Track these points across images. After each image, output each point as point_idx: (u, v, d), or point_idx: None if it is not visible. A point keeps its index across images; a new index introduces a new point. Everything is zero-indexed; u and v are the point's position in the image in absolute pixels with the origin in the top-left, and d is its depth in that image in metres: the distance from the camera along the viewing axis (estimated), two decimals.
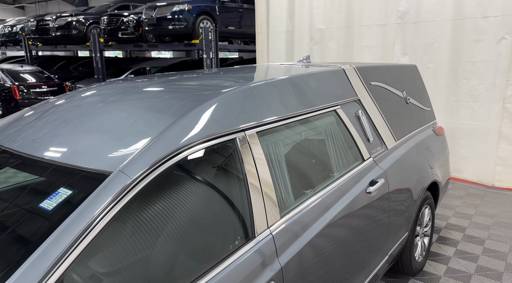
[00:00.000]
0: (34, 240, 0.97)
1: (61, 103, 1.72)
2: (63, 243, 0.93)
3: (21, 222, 1.05)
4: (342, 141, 2.10)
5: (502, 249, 3.29)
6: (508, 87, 4.60)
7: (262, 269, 1.35)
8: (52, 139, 1.35)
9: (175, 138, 1.27)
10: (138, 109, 1.46)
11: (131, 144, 1.23)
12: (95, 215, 1.01)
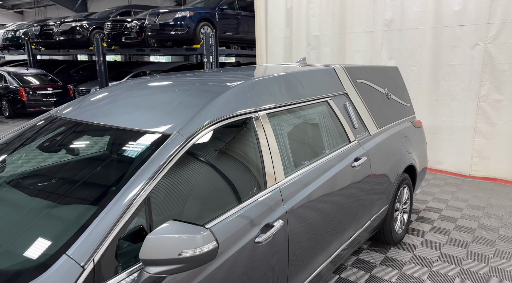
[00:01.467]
0: (123, 177, 1.44)
1: (121, 88, 2.20)
2: (143, 179, 1.39)
3: (112, 167, 1.52)
4: (333, 126, 2.60)
5: (472, 225, 3.80)
6: (481, 88, 5.17)
7: (272, 210, 1.83)
8: (127, 113, 1.82)
9: (211, 113, 1.76)
10: (182, 93, 1.94)
11: (182, 117, 1.71)
12: (162, 163, 1.48)
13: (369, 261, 3.14)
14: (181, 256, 1.18)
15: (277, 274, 1.85)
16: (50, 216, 1.35)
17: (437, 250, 3.32)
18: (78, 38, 12.06)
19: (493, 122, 5.18)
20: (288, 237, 1.91)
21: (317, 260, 2.19)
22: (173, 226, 1.22)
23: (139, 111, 1.81)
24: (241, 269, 1.62)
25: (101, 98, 2.10)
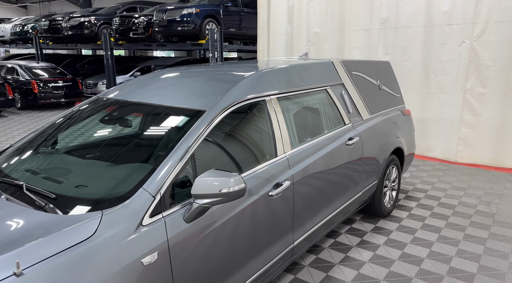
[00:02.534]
0: (176, 139, 1.90)
1: (157, 76, 2.66)
2: (185, 146, 1.86)
3: (167, 132, 1.99)
4: (330, 110, 3.08)
5: (453, 203, 4.30)
6: (467, 81, 5.64)
7: (282, 173, 2.31)
8: (171, 95, 2.28)
9: (233, 96, 2.22)
10: (208, 80, 2.41)
11: (212, 98, 2.18)
12: (200, 131, 1.95)
13: (360, 229, 3.63)
14: (220, 192, 1.65)
15: (285, 223, 2.34)
16: (130, 165, 1.83)
17: (421, 221, 3.81)
18: (86, 33, 12.47)
19: (478, 113, 5.66)
20: (293, 195, 2.39)
21: (316, 218, 2.68)
22: (214, 172, 1.69)
23: (179, 94, 2.28)
24: (259, 214, 2.09)
25: (143, 84, 2.57)
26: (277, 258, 2.30)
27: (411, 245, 3.33)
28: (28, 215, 1.51)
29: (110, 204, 1.56)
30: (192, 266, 1.69)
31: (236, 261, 1.97)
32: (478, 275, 2.88)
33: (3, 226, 1.43)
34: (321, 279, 2.81)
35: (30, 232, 1.38)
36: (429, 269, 2.96)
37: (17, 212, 1.53)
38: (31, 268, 1.25)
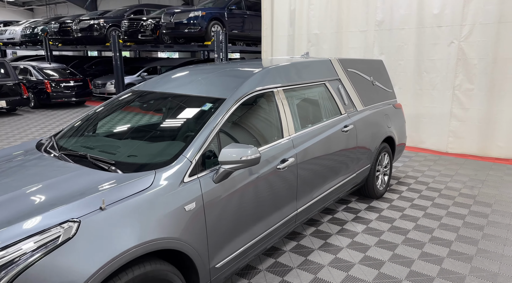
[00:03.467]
0: (205, 120, 2.38)
1: (181, 72, 3.15)
2: (211, 129, 2.33)
3: (197, 115, 2.47)
4: (328, 101, 3.55)
5: (440, 187, 4.77)
6: (456, 79, 6.12)
7: (287, 151, 2.78)
8: (199, 85, 2.77)
9: (247, 87, 2.70)
10: (226, 75, 2.89)
11: (230, 87, 2.66)
12: (223, 112, 2.42)
13: (355, 208, 4.11)
14: (241, 159, 2.12)
15: (290, 193, 2.81)
16: (168, 141, 2.32)
17: (410, 202, 4.28)
18: (95, 35, 12.97)
19: (466, 108, 6.14)
20: (297, 170, 2.86)
21: (315, 192, 3.15)
22: (236, 145, 2.16)
23: (202, 86, 2.76)
24: (269, 183, 2.57)
25: (169, 79, 3.05)
26: (284, 220, 2.77)
27: (399, 220, 3.80)
28: (97, 174, 1.99)
29: (160, 166, 2.04)
30: (218, 215, 2.17)
31: (251, 217, 2.44)
32: (455, 242, 3.35)
33: (84, 179, 1.91)
34: (320, 245, 3.28)
35: (104, 183, 1.87)
36: (414, 238, 3.43)
37: (89, 172, 2.01)
38: (111, 205, 1.73)
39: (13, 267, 1.44)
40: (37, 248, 1.50)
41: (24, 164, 2.21)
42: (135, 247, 1.69)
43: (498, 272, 2.89)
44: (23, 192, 1.82)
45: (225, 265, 2.26)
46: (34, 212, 1.65)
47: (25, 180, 1.95)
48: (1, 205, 1.73)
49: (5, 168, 2.18)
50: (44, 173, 2.03)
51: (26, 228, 1.56)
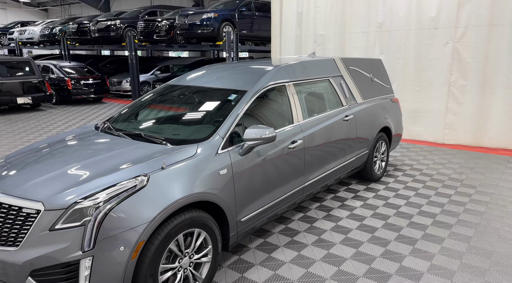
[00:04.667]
0: (231, 107, 2.98)
1: (206, 69, 3.76)
2: (237, 113, 2.93)
3: (225, 104, 3.08)
4: (332, 95, 4.14)
5: (432, 172, 5.32)
6: (451, 76, 6.65)
7: (296, 134, 3.37)
8: (223, 80, 3.37)
9: (263, 81, 3.29)
10: (245, 72, 3.49)
11: (250, 82, 3.25)
12: (246, 101, 3.02)
13: (355, 188, 4.69)
14: (261, 137, 2.72)
15: (298, 169, 3.40)
16: (207, 122, 2.93)
17: (404, 184, 4.85)
18: (112, 35, 13.65)
19: (460, 102, 6.67)
20: (304, 150, 3.45)
21: (319, 170, 3.73)
22: (257, 126, 2.75)
23: (227, 81, 3.37)
24: (282, 159, 3.16)
25: (196, 75, 3.67)
26: (293, 191, 3.37)
27: (393, 198, 4.38)
28: (153, 146, 2.60)
29: (200, 141, 2.64)
30: (243, 181, 2.77)
31: (267, 185, 3.04)
32: (440, 215, 3.92)
33: (144, 149, 2.53)
34: (323, 216, 3.87)
35: (160, 152, 2.48)
36: (404, 212, 4.00)
37: (146, 145, 2.63)
38: (169, 166, 2.34)
39: (110, 201, 2.06)
40: (123, 191, 2.11)
41: (95, 140, 2.84)
42: (186, 197, 2.30)
43: (472, 236, 3.45)
44: (106, 156, 2.45)
45: (248, 220, 2.87)
46: (119, 169, 2.27)
47: (102, 150, 2.57)
48: (95, 163, 2.36)
49: (82, 143, 2.81)
50: (113, 146, 2.66)
51: (116, 178, 2.18)
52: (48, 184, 2.18)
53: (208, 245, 2.54)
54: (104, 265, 2.00)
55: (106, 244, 2.01)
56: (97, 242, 1.99)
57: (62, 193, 2.09)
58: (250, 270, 2.90)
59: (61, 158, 2.53)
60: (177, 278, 2.37)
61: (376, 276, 2.83)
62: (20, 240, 2.04)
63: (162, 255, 2.22)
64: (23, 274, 1.98)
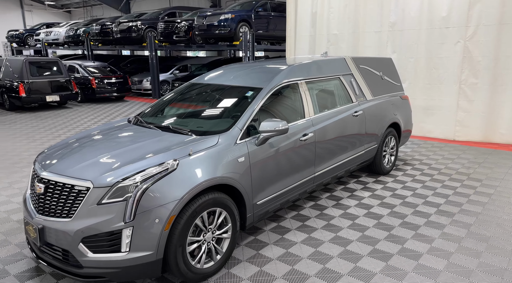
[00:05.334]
0: (248, 103, 3.33)
1: (227, 68, 4.11)
2: (253, 108, 3.27)
3: (242, 100, 3.43)
4: (342, 92, 4.42)
5: (440, 167, 5.53)
6: (462, 74, 6.81)
7: (308, 128, 3.68)
8: (240, 78, 3.72)
9: (278, 79, 3.61)
10: (260, 70, 3.83)
11: (265, 80, 3.58)
12: (261, 97, 3.35)
13: (365, 181, 4.96)
14: (275, 129, 3.05)
15: (309, 160, 3.71)
16: (227, 116, 3.29)
17: (412, 177, 5.09)
18: (133, 36, 14.20)
19: (471, 100, 6.82)
20: (315, 143, 3.76)
21: (329, 162, 4.03)
22: (272, 119, 3.09)
23: (244, 79, 3.71)
24: (294, 150, 3.48)
25: (217, 75, 4.03)
26: (304, 180, 3.68)
27: (400, 190, 4.64)
28: (181, 136, 2.97)
29: (221, 132, 3.00)
30: (259, 168, 3.10)
31: (280, 173, 3.37)
32: (444, 205, 4.16)
33: (173, 139, 2.90)
34: (333, 204, 4.18)
35: (186, 141, 2.85)
36: (410, 202, 4.26)
37: (174, 135, 3.00)
38: (196, 153, 2.70)
39: (147, 181, 2.44)
40: (155, 173, 2.49)
41: (130, 131, 3.24)
42: (209, 180, 2.66)
43: (472, 223, 3.69)
44: (141, 144, 2.83)
45: (263, 204, 3.21)
46: (152, 155, 2.65)
47: (137, 139, 2.96)
48: (133, 150, 2.74)
49: (119, 133, 3.21)
50: (146, 135, 3.04)
51: (151, 162, 2.56)
52: (95, 166, 2.58)
53: (228, 223, 2.89)
54: (142, 235, 2.38)
55: (144, 217, 2.38)
56: (136, 215, 2.37)
57: (107, 173, 2.48)
58: (265, 248, 3.24)
59: (103, 145, 2.93)
60: (202, 250, 2.73)
61: (378, 255, 3.12)
62: (73, 213, 2.44)
63: (190, 229, 2.58)
64: (76, 240, 2.38)
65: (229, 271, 2.90)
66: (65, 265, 2.48)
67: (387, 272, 2.88)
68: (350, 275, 2.86)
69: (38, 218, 2.56)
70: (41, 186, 2.60)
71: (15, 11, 27.38)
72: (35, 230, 2.53)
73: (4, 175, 5.23)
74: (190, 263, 2.63)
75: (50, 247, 2.55)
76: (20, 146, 6.87)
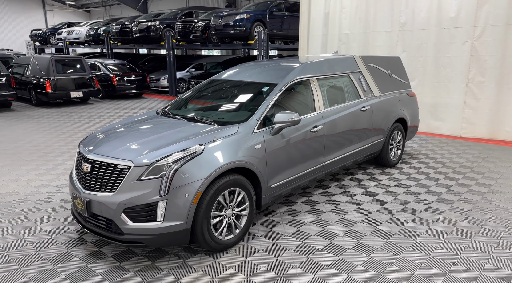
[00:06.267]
0: (263, 97, 3.72)
1: (242, 67, 4.51)
2: (269, 102, 3.65)
3: (258, 94, 3.82)
4: (351, 88, 4.77)
5: (445, 161, 5.82)
6: (469, 73, 7.05)
7: (318, 120, 4.05)
8: (256, 75, 4.12)
9: (291, 76, 3.98)
10: (275, 68, 4.21)
11: (279, 77, 3.96)
12: (276, 92, 3.73)
13: (372, 172, 5.29)
14: (288, 120, 3.43)
15: (319, 149, 4.08)
16: (245, 109, 3.69)
17: (417, 170, 5.40)
18: (152, 35, 14.74)
19: (478, 98, 7.06)
20: (324, 134, 4.13)
21: (337, 152, 4.38)
22: (285, 112, 3.47)
23: (260, 76, 4.10)
24: (305, 140, 3.85)
25: (236, 72, 4.43)
26: (314, 168, 4.05)
27: (405, 180, 4.96)
28: (205, 126, 3.38)
29: (240, 122, 3.39)
30: (273, 155, 3.49)
31: (292, 160, 3.74)
32: (444, 194, 4.47)
33: (199, 127, 3.32)
34: (340, 192, 4.53)
35: (210, 129, 3.26)
36: (413, 190, 4.58)
37: (199, 125, 3.42)
38: (218, 140, 3.10)
39: (178, 162, 2.85)
40: (185, 156, 2.90)
41: (160, 121, 3.68)
42: (230, 163, 3.06)
43: (469, 210, 4.01)
44: (171, 132, 3.25)
45: (276, 187, 3.59)
46: (182, 140, 3.07)
47: (167, 128, 3.39)
48: (164, 136, 3.17)
49: (150, 122, 3.65)
50: (175, 125, 3.47)
51: (181, 146, 2.98)
52: (133, 149, 3.01)
53: (246, 202, 3.29)
54: (174, 206, 2.80)
55: (176, 192, 2.80)
56: (170, 190, 2.78)
57: (144, 155, 2.90)
58: (278, 227, 3.63)
59: (138, 132, 3.36)
60: (223, 224, 3.13)
61: (379, 234, 3.47)
62: (116, 188, 2.87)
63: (213, 204, 2.99)
64: (118, 211, 2.81)
65: (246, 244, 3.30)
66: (108, 232, 2.92)
67: (387, 248, 3.23)
68: (354, 249, 3.22)
69: (85, 193, 3.01)
70: (88, 166, 3.04)
71: (38, 10, 28.39)
72: (83, 202, 2.98)
73: (41, 163, 5.75)
74: (214, 234, 3.04)
75: (95, 217, 2.99)
76: (50, 138, 7.42)
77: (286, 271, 2.90)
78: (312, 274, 2.86)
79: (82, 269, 2.94)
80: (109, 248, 3.25)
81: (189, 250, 3.22)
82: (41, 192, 4.56)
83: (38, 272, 2.90)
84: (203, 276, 2.85)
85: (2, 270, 2.93)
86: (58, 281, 2.79)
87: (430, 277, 2.82)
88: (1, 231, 3.56)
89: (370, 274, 2.86)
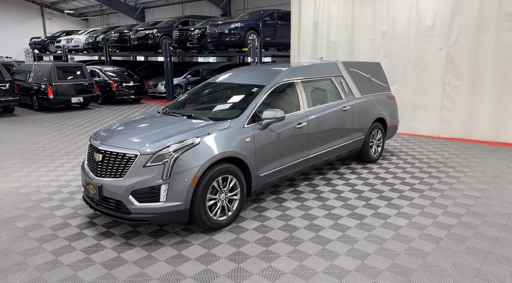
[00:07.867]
0: (253, 97, 4.22)
1: (235, 71, 5.02)
2: (257, 101, 4.15)
3: (248, 94, 4.32)
4: (333, 90, 5.29)
5: (422, 157, 6.34)
6: (445, 77, 7.62)
7: (302, 118, 4.54)
8: (247, 78, 4.63)
9: (277, 79, 4.49)
10: (263, 72, 4.72)
11: (267, 79, 4.47)
12: (264, 92, 4.24)
13: (353, 167, 5.80)
14: (274, 116, 3.92)
15: (304, 144, 4.57)
16: (237, 107, 4.19)
17: (395, 165, 5.91)
18: (150, 43, 15.27)
19: (454, 100, 7.62)
20: (308, 130, 4.63)
21: (319, 147, 4.88)
22: (272, 109, 3.97)
23: (250, 79, 4.61)
24: (291, 135, 4.35)
25: (229, 75, 4.94)
26: (299, 160, 4.54)
27: (383, 174, 5.46)
28: (201, 122, 3.87)
29: (232, 119, 3.89)
30: (261, 147, 3.97)
31: (279, 153, 4.23)
32: (417, 184, 4.98)
33: (195, 123, 3.81)
34: (324, 183, 5.02)
35: (206, 124, 3.75)
36: (390, 182, 5.09)
37: (196, 121, 3.91)
38: (213, 133, 3.59)
39: (178, 151, 3.33)
40: (184, 146, 3.38)
41: (161, 118, 4.16)
42: (223, 153, 3.54)
43: (436, 197, 4.51)
44: (172, 127, 3.74)
45: (265, 176, 4.08)
46: (181, 133, 3.55)
47: (168, 123, 3.88)
48: (166, 130, 3.65)
49: (153, 120, 4.14)
50: (175, 121, 3.95)
51: (180, 138, 3.46)
52: (140, 141, 3.49)
53: (237, 188, 3.77)
54: (175, 189, 3.27)
55: (176, 176, 3.27)
56: (171, 175, 3.26)
57: (149, 145, 3.38)
58: (266, 212, 4.10)
59: (142, 127, 3.85)
60: (217, 206, 3.61)
61: (355, 216, 3.96)
62: (124, 173, 3.34)
63: (209, 188, 3.47)
64: (127, 193, 3.28)
65: (238, 224, 3.78)
66: (118, 212, 3.38)
67: (360, 226, 3.72)
68: (331, 227, 3.70)
69: (97, 179, 3.47)
70: (99, 155, 3.52)
71: (36, 19, 28.89)
72: (95, 187, 3.45)
73: (48, 161, 6.20)
74: (209, 214, 3.51)
75: (106, 200, 3.45)
76: (54, 140, 7.86)
77: (271, 245, 3.38)
78: (293, 247, 3.34)
79: (95, 245, 3.39)
80: (118, 229, 3.70)
81: (188, 230, 3.68)
82: (52, 186, 5.01)
83: (56, 247, 3.35)
84: (200, 249, 3.32)
85: (25, 246, 3.38)
86: (74, 254, 3.24)
87: (394, 248, 3.30)
88: (19, 216, 4.01)
89: (343, 246, 3.34)
